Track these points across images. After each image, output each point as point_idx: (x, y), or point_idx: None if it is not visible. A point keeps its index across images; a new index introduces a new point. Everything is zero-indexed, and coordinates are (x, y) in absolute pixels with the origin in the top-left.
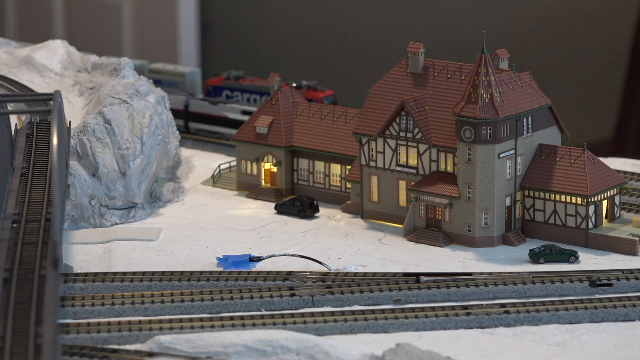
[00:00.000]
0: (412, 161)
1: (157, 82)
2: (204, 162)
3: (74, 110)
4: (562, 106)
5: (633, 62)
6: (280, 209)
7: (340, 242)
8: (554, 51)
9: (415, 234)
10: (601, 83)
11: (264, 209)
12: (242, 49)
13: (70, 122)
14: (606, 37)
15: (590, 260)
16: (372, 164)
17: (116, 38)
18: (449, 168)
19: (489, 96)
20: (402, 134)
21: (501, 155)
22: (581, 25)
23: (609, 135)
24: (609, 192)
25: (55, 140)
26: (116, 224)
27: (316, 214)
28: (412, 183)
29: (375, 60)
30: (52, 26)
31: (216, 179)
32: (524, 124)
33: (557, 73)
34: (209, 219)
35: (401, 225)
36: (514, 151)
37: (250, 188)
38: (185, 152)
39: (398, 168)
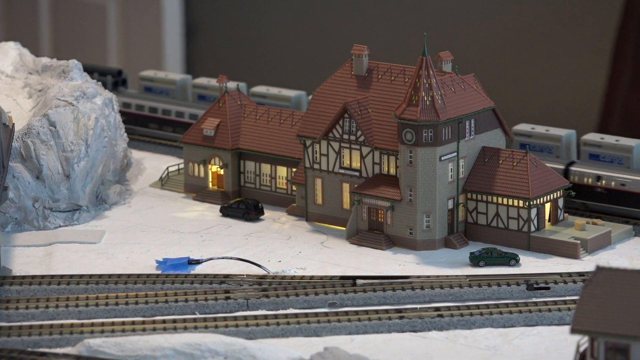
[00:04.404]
0: (356, 164)
1: (201, 98)
2: (155, 164)
3: (22, 113)
4: (545, 107)
5: (615, 63)
6: (226, 212)
7: (282, 245)
8: (536, 52)
9: (358, 237)
10: (583, 84)
11: (210, 212)
12: (229, 53)
13: (14, 124)
14: (589, 39)
15: (531, 264)
16: (316, 166)
17: (101, 40)
18: (392, 171)
19: (430, 98)
20: (346, 136)
21: (443, 158)
22: (564, 27)
23: None
24: (552, 195)
25: None
26: (60, 226)
27: (261, 217)
28: (355, 186)
29: None
30: (38, 28)
31: (164, 182)
32: (467, 127)
33: (540, 74)
34: (153, 221)
35: (344, 228)
36: (456, 154)
37: (197, 190)
38: (137, 155)
39: (342, 171)
